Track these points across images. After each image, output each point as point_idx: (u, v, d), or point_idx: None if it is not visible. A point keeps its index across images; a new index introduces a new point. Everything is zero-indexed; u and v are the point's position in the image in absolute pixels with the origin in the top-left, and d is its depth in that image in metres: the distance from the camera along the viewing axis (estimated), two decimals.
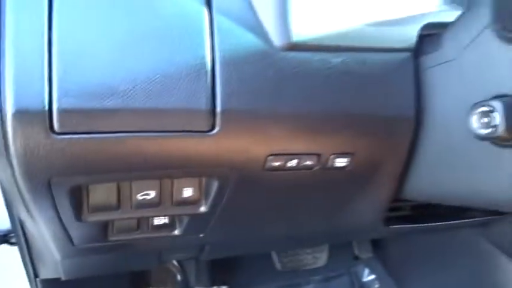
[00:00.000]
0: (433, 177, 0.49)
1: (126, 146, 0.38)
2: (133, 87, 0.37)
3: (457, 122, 0.42)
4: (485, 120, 0.37)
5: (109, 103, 0.36)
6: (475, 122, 0.38)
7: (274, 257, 1.13)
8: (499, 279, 0.88)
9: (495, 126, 0.37)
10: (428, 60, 0.47)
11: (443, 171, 0.47)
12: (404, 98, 0.46)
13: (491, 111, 0.37)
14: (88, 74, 0.36)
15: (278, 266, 1.13)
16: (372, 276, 1.22)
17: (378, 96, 0.46)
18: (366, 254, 1.24)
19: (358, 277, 1.23)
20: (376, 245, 1.23)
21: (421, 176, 0.51)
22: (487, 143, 0.40)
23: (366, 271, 1.23)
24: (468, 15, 0.43)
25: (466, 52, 0.42)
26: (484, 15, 0.39)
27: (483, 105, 0.38)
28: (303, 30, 0.42)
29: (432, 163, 0.48)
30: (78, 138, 0.36)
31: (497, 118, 0.36)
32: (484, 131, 0.38)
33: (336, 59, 0.44)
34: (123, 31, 0.37)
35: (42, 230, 0.47)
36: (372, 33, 0.46)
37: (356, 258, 1.24)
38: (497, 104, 0.37)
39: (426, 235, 1.02)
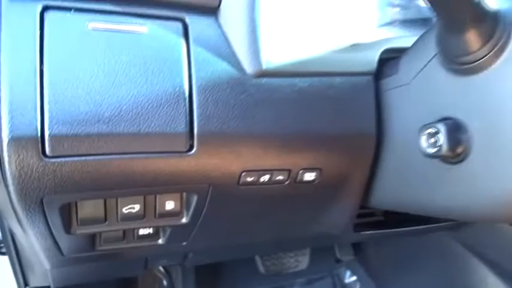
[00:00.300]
0: (394, 189, 0.54)
1: (112, 166, 0.42)
2: (118, 114, 0.41)
3: (411, 141, 0.47)
4: (432, 140, 0.42)
5: (96, 129, 0.40)
6: (424, 142, 0.43)
7: (258, 261, 1.16)
8: (471, 280, 0.93)
9: (440, 146, 0.42)
10: (387, 83, 0.52)
11: (402, 183, 0.52)
12: (366, 118, 0.51)
13: (437, 133, 0.42)
14: (77, 103, 0.40)
15: (262, 269, 1.17)
16: (354, 278, 1.27)
17: (343, 116, 0.50)
18: (347, 256, 1.28)
19: (340, 279, 1.28)
20: (357, 248, 1.27)
21: (383, 187, 0.55)
22: (436, 161, 0.45)
23: (348, 273, 1.28)
24: (420, 44, 0.48)
25: (418, 78, 0.47)
26: (432, 46, 0.44)
27: (430, 127, 0.43)
28: (272, 58, 0.47)
29: (393, 176, 0.53)
30: (68, 160, 0.40)
31: (442, 139, 0.41)
32: (431, 150, 0.42)
33: (303, 83, 0.48)
34: (108, 63, 0.41)
35: (32, 241, 0.50)
36: (336, 58, 0.50)
37: (338, 260, 1.28)
38: (441, 126, 0.41)
39: (403, 238, 1.07)
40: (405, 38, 0.53)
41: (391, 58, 0.53)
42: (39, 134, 0.39)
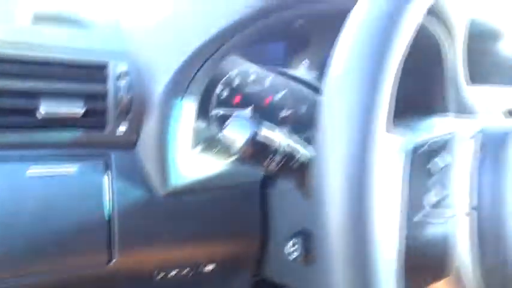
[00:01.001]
0: (279, 275, 0.69)
1: (44, 283, 0.53)
2: (51, 240, 0.52)
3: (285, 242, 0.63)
4: (293, 248, 0.58)
5: (33, 251, 0.51)
6: (288, 249, 0.59)
7: None
8: None
9: (299, 253, 0.58)
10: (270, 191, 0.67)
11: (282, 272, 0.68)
12: (252, 220, 0.66)
13: (296, 243, 0.58)
14: (17, 233, 0.50)
15: None
16: None
17: (234, 220, 0.65)
18: None
19: None
20: None
21: (270, 270, 0.71)
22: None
23: None
24: None
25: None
26: None
27: (292, 238, 0.59)
28: (178, 181, 0.60)
29: (275, 261, 0.69)
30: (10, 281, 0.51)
31: (299, 248, 0.58)
32: (293, 256, 0.58)
33: (202, 198, 0.62)
34: (43, 201, 0.52)
35: None
36: (227, 173, 0.64)
37: None
38: (298, 238, 0.58)
39: None
40: None
41: None
42: None
